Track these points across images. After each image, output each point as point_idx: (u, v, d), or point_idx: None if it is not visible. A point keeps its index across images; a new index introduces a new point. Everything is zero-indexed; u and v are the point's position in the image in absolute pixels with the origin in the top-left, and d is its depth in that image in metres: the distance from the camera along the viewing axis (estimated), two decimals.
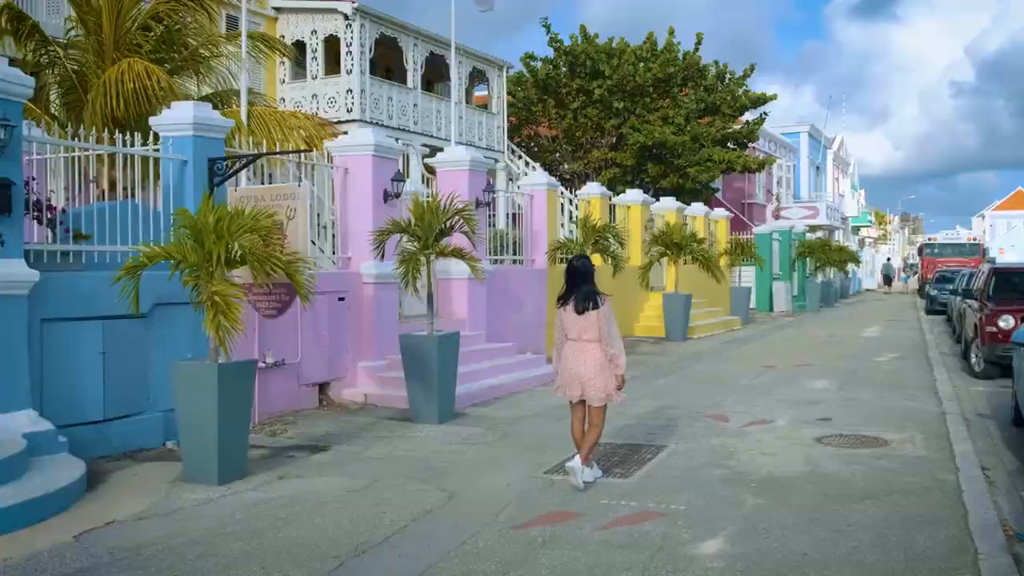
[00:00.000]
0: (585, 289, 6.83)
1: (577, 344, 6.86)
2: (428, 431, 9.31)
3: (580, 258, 7.15)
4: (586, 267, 6.96)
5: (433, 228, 9.61)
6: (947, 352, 17.56)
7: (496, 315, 14.44)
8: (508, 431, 9.32)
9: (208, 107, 9.33)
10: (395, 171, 11.67)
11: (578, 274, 6.92)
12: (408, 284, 9.48)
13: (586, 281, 6.87)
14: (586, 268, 6.95)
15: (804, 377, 13.32)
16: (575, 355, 6.87)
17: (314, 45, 21.40)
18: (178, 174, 9.01)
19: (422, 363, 9.63)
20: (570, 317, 6.86)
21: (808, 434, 8.90)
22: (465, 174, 13.47)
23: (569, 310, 6.86)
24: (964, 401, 11.38)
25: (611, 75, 27.92)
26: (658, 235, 18.92)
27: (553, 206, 16.39)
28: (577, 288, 6.87)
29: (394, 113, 22.12)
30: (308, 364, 10.54)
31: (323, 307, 10.79)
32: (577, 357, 6.86)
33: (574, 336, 6.87)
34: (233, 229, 7.23)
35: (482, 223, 13.78)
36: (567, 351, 6.95)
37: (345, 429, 9.47)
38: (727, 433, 9.02)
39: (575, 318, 6.82)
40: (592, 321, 6.74)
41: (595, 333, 6.77)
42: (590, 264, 7.05)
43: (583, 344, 6.83)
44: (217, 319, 7.03)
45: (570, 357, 6.91)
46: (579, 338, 6.84)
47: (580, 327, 6.81)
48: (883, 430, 9.10)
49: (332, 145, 11.66)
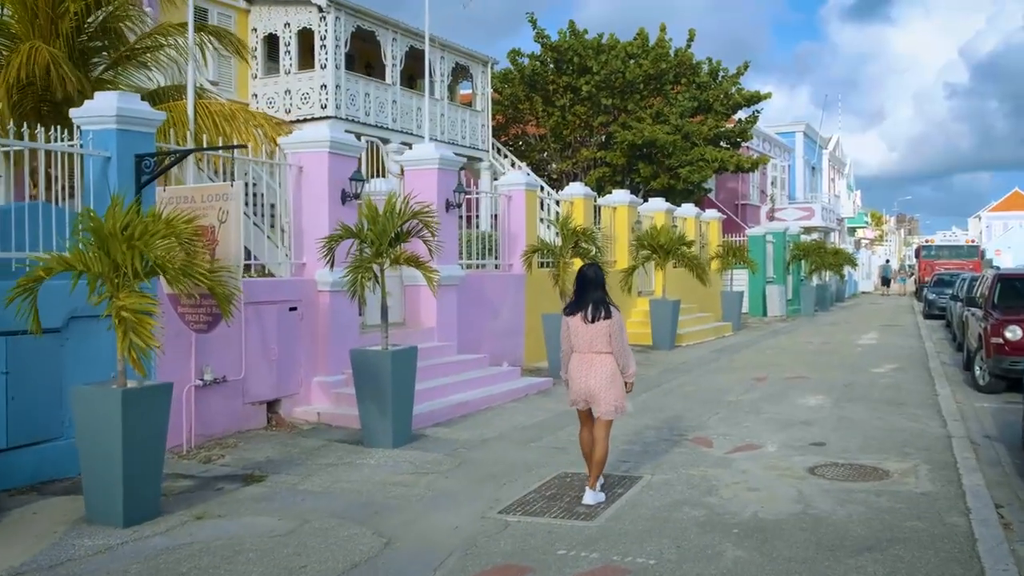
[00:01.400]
0: (596, 298, 6.62)
1: (584, 356, 6.63)
2: (379, 457, 8.41)
3: (592, 266, 6.92)
4: (598, 275, 6.75)
5: (387, 232, 8.71)
6: (948, 362, 16.68)
7: (470, 324, 13.56)
8: (468, 457, 8.42)
9: (135, 98, 8.41)
10: (354, 170, 10.76)
11: (590, 282, 6.71)
12: (356, 294, 8.58)
13: (598, 290, 6.67)
14: (598, 276, 6.75)
15: (796, 392, 12.43)
16: (582, 368, 6.63)
17: (287, 39, 20.44)
18: (100, 172, 8.09)
19: (375, 381, 8.73)
20: (579, 327, 6.63)
21: (799, 463, 8.00)
22: (434, 173, 12.57)
23: (578, 320, 6.63)
24: (969, 420, 10.51)
25: (599, 71, 26.99)
26: (644, 237, 18.01)
27: (532, 207, 15.49)
28: (588, 297, 6.65)
29: (371, 110, 21.18)
30: (254, 380, 9.63)
31: (272, 318, 9.89)
32: (585, 370, 6.62)
33: (583, 348, 6.64)
34: (145, 235, 6.33)
35: (451, 226, 12.90)
36: (573, 364, 6.72)
37: (289, 454, 8.57)
38: (709, 461, 8.12)
39: (585, 328, 6.59)
40: (603, 331, 6.55)
41: (605, 344, 6.56)
42: (602, 272, 6.83)
43: (592, 356, 6.60)
44: (128, 338, 6.13)
45: (577, 370, 6.67)
46: (588, 349, 6.61)
47: (590, 337, 6.58)
48: (883, 458, 8.21)
49: (285, 141, 10.76)
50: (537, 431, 9.65)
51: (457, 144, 24.01)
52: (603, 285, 6.74)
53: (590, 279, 6.74)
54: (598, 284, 6.71)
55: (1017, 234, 68.26)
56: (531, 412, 10.84)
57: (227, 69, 20.28)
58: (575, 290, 6.84)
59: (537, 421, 10.24)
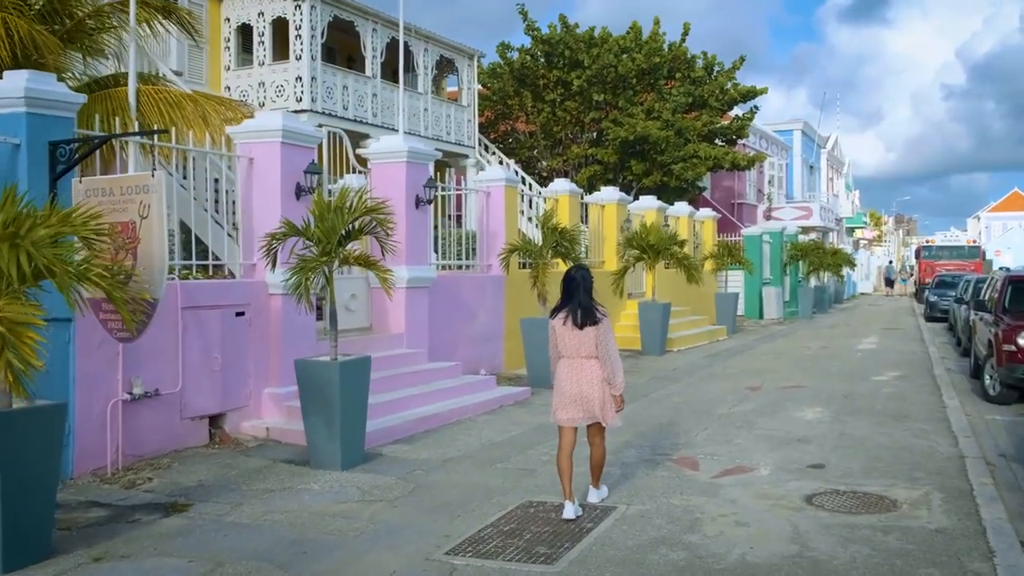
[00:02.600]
0: (584, 302, 6.33)
1: (574, 362, 6.34)
2: (325, 481, 7.50)
3: (579, 268, 6.64)
4: (585, 278, 6.44)
5: (336, 230, 7.80)
6: (953, 368, 15.78)
7: (444, 328, 12.65)
8: (424, 481, 7.51)
9: (50, 78, 7.50)
10: (310, 162, 9.85)
11: (577, 286, 6.40)
12: (302, 298, 7.67)
13: (585, 293, 6.37)
14: (585, 279, 6.43)
15: (793, 403, 11.52)
16: (573, 374, 6.33)
17: (261, 28, 19.49)
18: (9, 160, 7.20)
19: (322, 396, 7.82)
20: (567, 332, 6.34)
21: (795, 490, 7.09)
22: (402, 167, 11.66)
23: (565, 325, 6.34)
24: (982, 435, 9.61)
25: (591, 65, 26.05)
26: (632, 237, 17.08)
27: (512, 204, 14.58)
28: (575, 301, 6.35)
29: (350, 103, 20.26)
30: (193, 393, 8.72)
31: (215, 323, 8.98)
32: (576, 376, 6.32)
33: (570, 353, 6.35)
34: (32, 233, 5.42)
35: (422, 224, 12.00)
36: (562, 370, 6.41)
37: (226, 477, 7.66)
38: (694, 487, 7.21)
39: (573, 333, 6.31)
40: (591, 337, 6.28)
41: (592, 350, 6.30)
42: (589, 275, 6.51)
43: (581, 361, 6.32)
44: (5, 355, 5.22)
45: (566, 377, 6.37)
46: (576, 355, 6.32)
47: (577, 343, 6.31)
48: (890, 483, 7.29)
49: (235, 130, 9.84)
50: (506, 449, 8.74)
51: (442, 140, 23.09)
52: (591, 288, 6.44)
53: (577, 282, 6.42)
54: (585, 287, 6.41)
55: (1017, 235, 67.46)
56: (504, 426, 9.93)
57: (198, 61, 19.37)
58: (562, 293, 6.52)
59: (508, 437, 9.34)
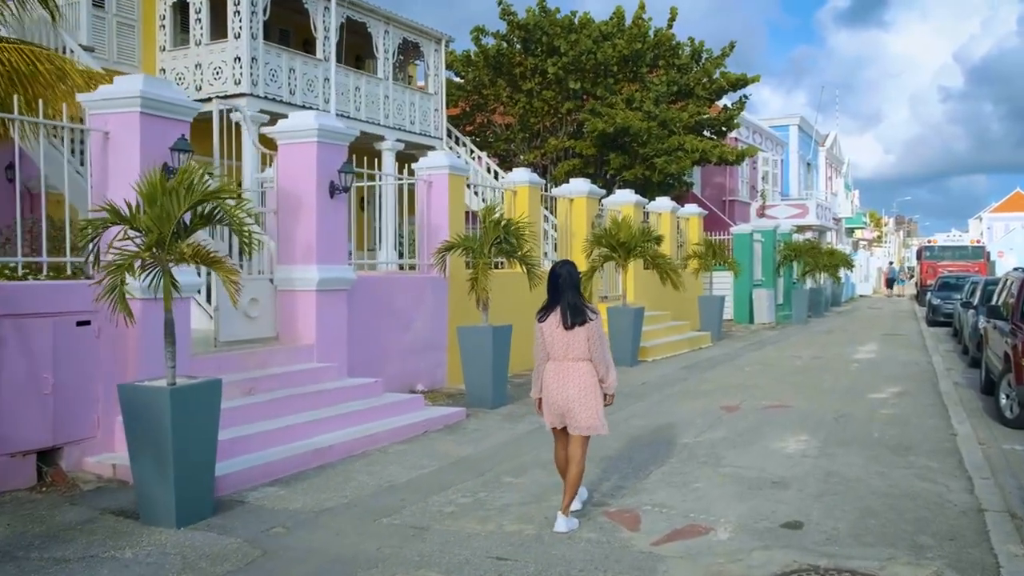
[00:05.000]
0: (572, 301, 5.97)
1: (562, 364, 5.98)
2: (148, 544, 5.72)
3: (565, 264, 6.18)
4: (572, 275, 6.08)
5: (172, 217, 6.01)
6: (961, 382, 13.98)
7: (369, 339, 10.89)
8: (275, 546, 5.71)
9: None
10: (179, 137, 8.06)
11: (564, 283, 6.03)
12: (118, 305, 5.89)
13: (573, 290, 6.02)
14: (572, 276, 6.07)
15: (773, 428, 9.73)
16: (559, 377, 5.96)
17: (198, 5, 17.68)
18: None
19: (152, 431, 6.02)
20: (554, 333, 5.99)
21: (761, 566, 5.28)
22: (312, 147, 9.88)
23: (552, 325, 5.99)
24: (1001, 473, 7.82)
25: (568, 51, 24.25)
26: (601, 234, 15.26)
27: (458, 195, 12.78)
28: (562, 299, 5.99)
29: (297, 88, 18.45)
30: (13, 423, 6.93)
31: (46, 336, 7.20)
32: (560, 380, 5.96)
33: (558, 355, 5.98)
34: None
35: (337, 215, 10.21)
36: (548, 373, 6.04)
37: (22, 538, 5.87)
38: (626, 561, 5.40)
39: (561, 334, 5.96)
40: (580, 338, 5.93)
41: (583, 351, 5.94)
42: (576, 271, 6.15)
43: (568, 364, 5.96)
44: None
45: (553, 380, 5.99)
46: (564, 357, 5.97)
47: (565, 344, 5.95)
48: (887, 556, 5.48)
49: (87, 98, 8.06)
50: (404, 494, 6.95)
51: (404, 130, 21.35)
52: (578, 285, 6.09)
53: (563, 279, 6.03)
54: (572, 284, 6.04)
55: (1019, 235, 65.75)
56: (416, 460, 8.14)
57: (129, 40, 17.59)
58: (548, 292, 6.14)
59: (415, 476, 7.55)
